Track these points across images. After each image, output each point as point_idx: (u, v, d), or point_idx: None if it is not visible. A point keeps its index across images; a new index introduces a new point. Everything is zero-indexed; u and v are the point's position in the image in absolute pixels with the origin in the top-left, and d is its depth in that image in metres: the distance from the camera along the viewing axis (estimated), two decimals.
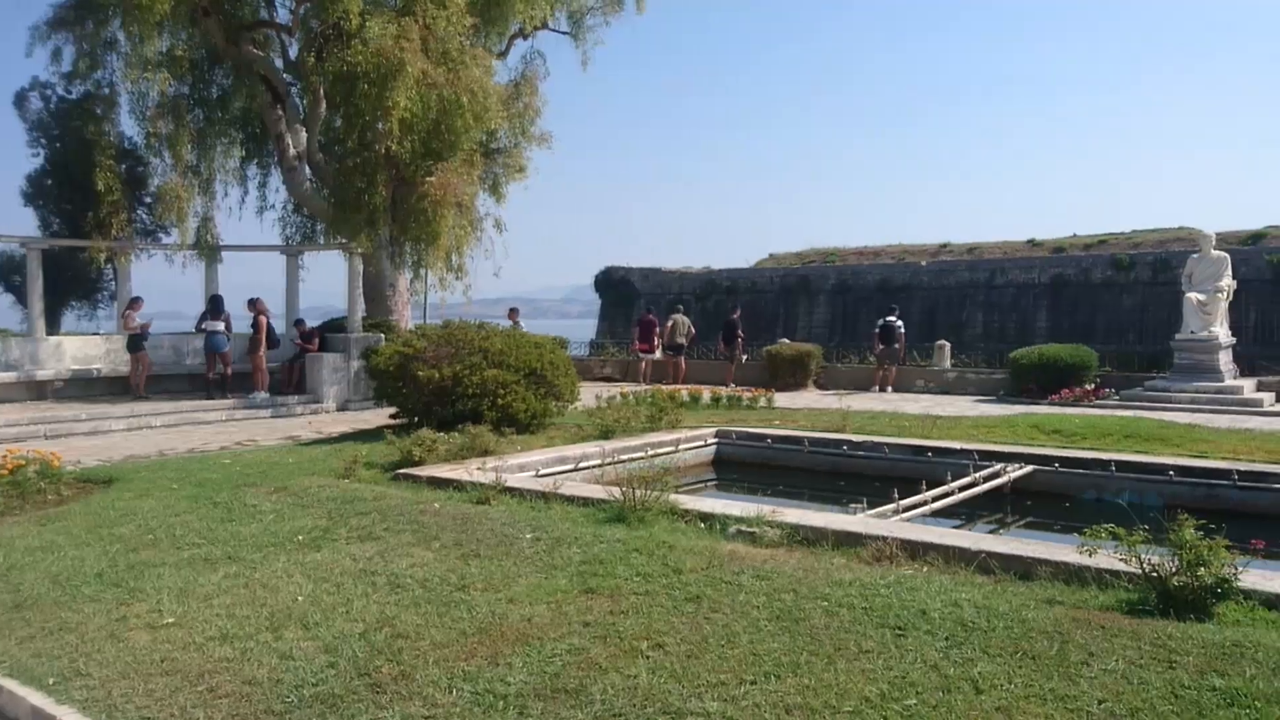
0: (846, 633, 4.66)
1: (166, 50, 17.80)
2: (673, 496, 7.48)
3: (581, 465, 10.23)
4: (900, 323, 20.67)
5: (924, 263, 36.84)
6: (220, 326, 16.89)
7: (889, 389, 19.73)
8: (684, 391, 15.95)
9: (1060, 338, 25.51)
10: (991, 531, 8.91)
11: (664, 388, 16.72)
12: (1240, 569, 4.97)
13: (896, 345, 20.30)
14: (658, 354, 22.10)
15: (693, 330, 22.46)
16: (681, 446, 11.67)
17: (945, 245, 39.57)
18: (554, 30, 22.48)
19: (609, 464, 10.01)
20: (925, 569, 5.92)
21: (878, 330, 20.72)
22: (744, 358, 21.99)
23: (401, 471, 9.35)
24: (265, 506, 7.99)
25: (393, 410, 13.57)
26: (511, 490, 8.19)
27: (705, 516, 7.12)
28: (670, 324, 22.08)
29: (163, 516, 7.70)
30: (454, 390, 11.89)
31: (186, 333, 18.86)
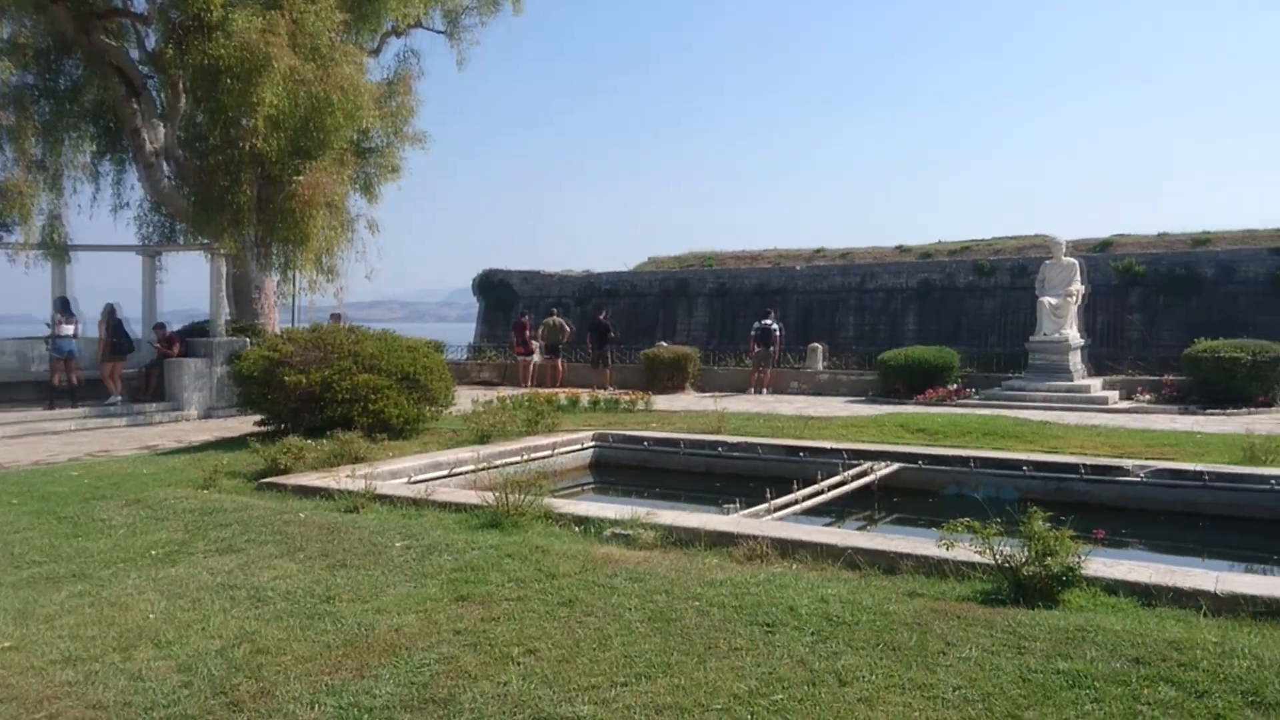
0: (718, 631, 4.72)
1: (9, 37, 16.73)
2: (548, 501, 7.44)
3: (456, 471, 10.07)
4: (776, 325, 21.12)
5: (799, 267, 37.78)
6: (69, 330, 15.92)
7: (765, 391, 20.14)
8: (563, 395, 15.90)
9: (927, 340, 26.55)
10: (860, 528, 9.18)
11: (542, 391, 16.64)
12: (1084, 558, 5.25)
13: (772, 348, 20.73)
14: (537, 356, 21.99)
15: (570, 330, 22.43)
16: (559, 450, 11.62)
17: (820, 250, 40.68)
18: (429, 29, 22.13)
19: (484, 469, 9.88)
20: (795, 566, 6.05)
21: (754, 333, 21.11)
22: (614, 359, 22.03)
23: (267, 481, 9.01)
24: (117, 520, 7.57)
25: (259, 417, 13.07)
26: (383, 498, 7.99)
27: (581, 520, 7.10)
28: (545, 326, 22.00)
29: (1, 534, 7.21)
30: (324, 396, 11.54)
31: (34, 337, 17.72)
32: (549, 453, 11.33)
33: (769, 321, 21.03)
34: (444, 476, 9.84)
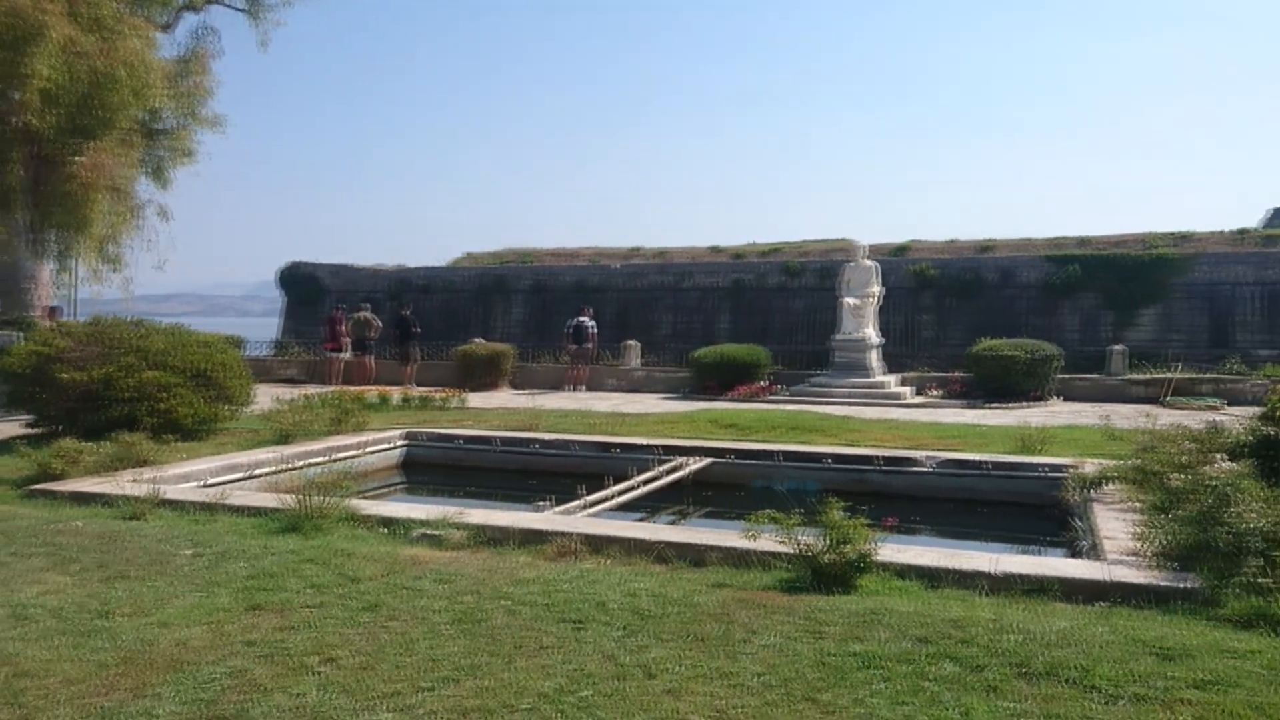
0: (527, 630, 4.66)
1: None
2: (353, 502, 7.16)
3: (256, 473, 9.54)
4: (592, 323, 21.23)
5: (617, 265, 38.18)
6: None
7: (582, 388, 20.21)
8: (373, 392, 15.40)
9: (740, 338, 27.38)
10: (672, 522, 9.34)
11: (351, 389, 16.03)
12: (877, 545, 5.53)
13: (588, 345, 20.82)
14: (347, 354, 21.19)
15: (379, 325, 21.73)
16: (367, 450, 11.23)
17: (637, 249, 41.25)
18: (228, 5, 20.90)
19: (286, 470, 9.41)
20: (607, 562, 6.08)
21: (570, 330, 21.14)
22: (419, 356, 21.48)
23: (37, 488, 8.24)
24: None
25: (29, 418, 11.95)
26: (171, 503, 7.46)
27: (387, 521, 6.87)
28: (353, 321, 21.23)
29: None
30: (105, 395, 10.66)
31: None
32: (356, 452, 10.92)
33: (584, 318, 21.11)
34: (241, 479, 9.30)
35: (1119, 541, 6.28)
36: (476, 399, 16.73)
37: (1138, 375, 19.18)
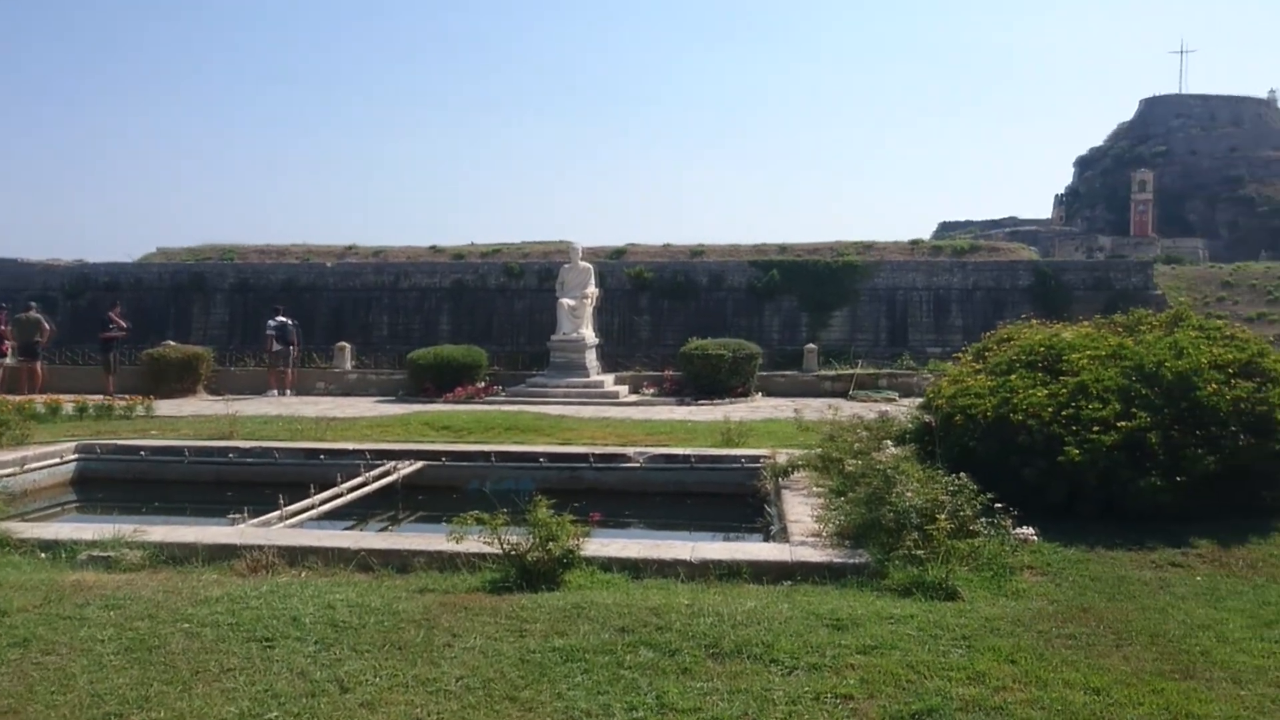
0: (209, 653, 4.31)
1: None
2: (7, 525, 6.32)
3: None
4: (293, 322, 20.14)
5: (330, 264, 36.51)
6: None
7: (288, 392, 19.09)
8: (39, 401, 13.71)
9: (461, 339, 27.05)
10: (383, 529, 9.04)
11: (13, 398, 14.16)
12: (584, 540, 5.62)
13: (291, 346, 19.72)
14: (10, 359, 18.70)
15: (50, 329, 19.39)
16: (30, 466, 9.96)
17: (352, 247, 39.66)
18: None
19: None
20: (305, 574, 5.77)
21: (270, 331, 19.87)
22: (116, 361, 19.47)
23: None
24: None
25: None
26: None
27: (48, 544, 6.13)
28: (17, 323, 18.82)
29: None
30: None
31: None
32: (14, 470, 9.65)
33: (284, 318, 19.96)
34: None
35: (804, 524, 6.78)
36: (167, 406, 15.35)
37: (828, 371, 20.92)
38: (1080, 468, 6.79)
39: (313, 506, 8.09)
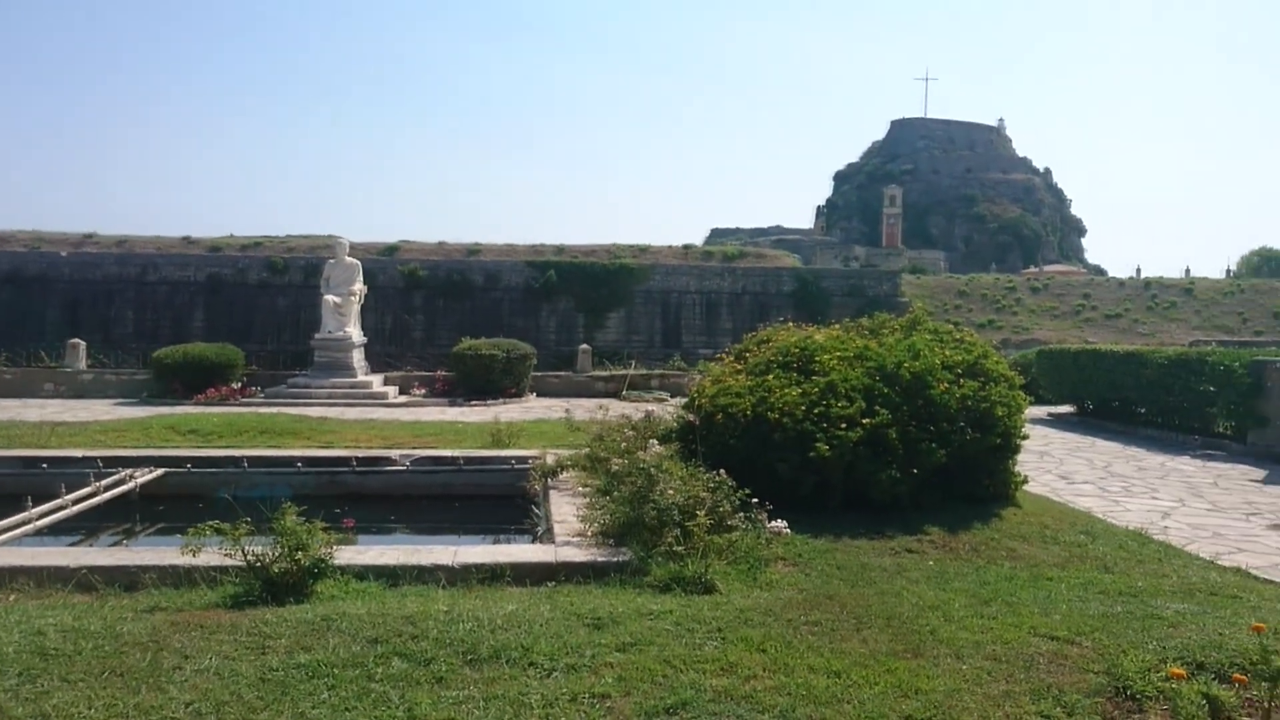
0: None
1: None
2: None
3: None
4: None
5: (65, 253, 33.17)
6: None
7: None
8: None
9: (218, 337, 25.28)
10: (116, 543, 8.25)
11: None
12: (337, 548, 5.33)
13: None
14: None
15: None
16: None
17: (91, 236, 36.31)
18: None
19: None
20: (14, 598, 5.16)
21: None
22: None
23: None
24: None
25: None
26: None
27: None
28: None
29: None
30: None
31: None
32: None
33: None
34: None
35: (569, 524, 6.77)
36: None
37: (601, 372, 21.22)
38: (829, 462, 7.20)
39: (28, 521, 7.24)
